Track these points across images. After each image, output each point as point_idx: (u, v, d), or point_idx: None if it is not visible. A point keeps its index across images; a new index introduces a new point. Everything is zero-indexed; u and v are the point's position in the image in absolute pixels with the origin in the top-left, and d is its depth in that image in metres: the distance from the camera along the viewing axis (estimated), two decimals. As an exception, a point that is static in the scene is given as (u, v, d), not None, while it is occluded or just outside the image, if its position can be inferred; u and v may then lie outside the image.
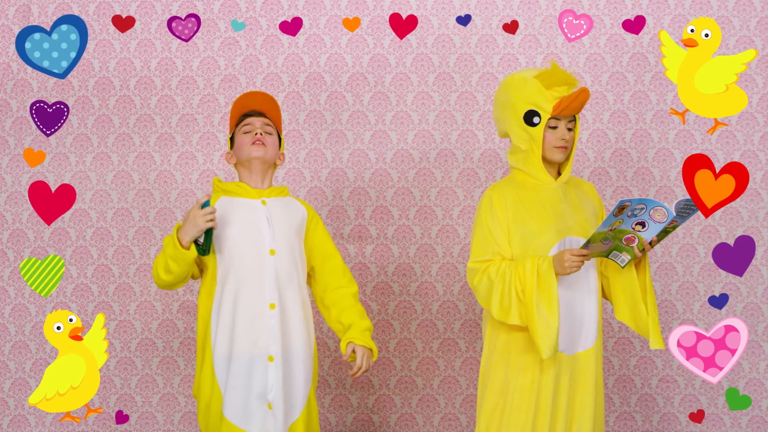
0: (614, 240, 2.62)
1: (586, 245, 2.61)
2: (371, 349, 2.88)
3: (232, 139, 2.94)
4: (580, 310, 2.75)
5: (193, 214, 2.69)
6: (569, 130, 2.75)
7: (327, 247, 2.97)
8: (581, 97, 2.68)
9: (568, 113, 2.72)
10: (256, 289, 2.80)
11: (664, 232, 2.65)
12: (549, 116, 2.70)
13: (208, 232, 2.73)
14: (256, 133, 2.86)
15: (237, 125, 2.92)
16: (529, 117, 2.72)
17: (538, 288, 2.65)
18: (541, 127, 2.70)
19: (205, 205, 2.70)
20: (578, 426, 2.75)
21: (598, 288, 2.80)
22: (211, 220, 2.70)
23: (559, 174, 2.82)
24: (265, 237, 2.83)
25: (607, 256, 2.70)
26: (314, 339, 2.90)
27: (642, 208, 2.55)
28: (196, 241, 2.73)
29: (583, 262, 2.65)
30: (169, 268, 2.75)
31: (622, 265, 2.68)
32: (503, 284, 2.68)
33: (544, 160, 2.77)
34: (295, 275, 2.87)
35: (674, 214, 2.57)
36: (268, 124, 2.91)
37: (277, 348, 2.79)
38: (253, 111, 2.92)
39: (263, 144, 2.87)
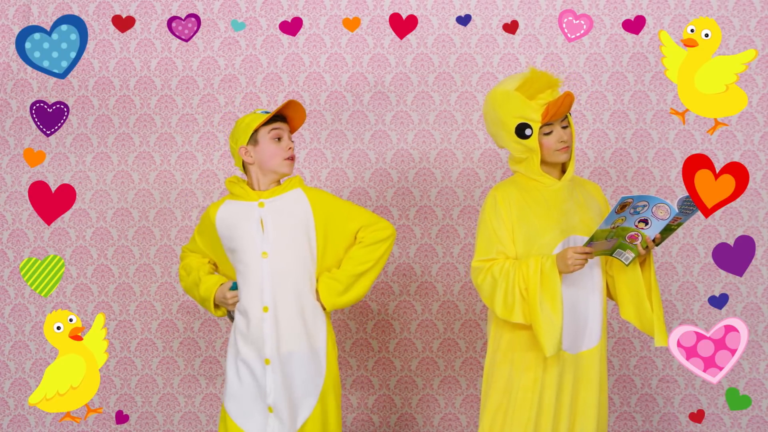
0: (618, 238, 2.62)
1: (589, 243, 2.62)
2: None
3: (253, 134, 2.87)
4: (584, 308, 2.75)
5: (224, 299, 2.91)
6: (565, 128, 2.75)
7: (348, 229, 2.91)
8: (566, 102, 2.68)
9: (557, 118, 2.71)
10: (251, 292, 2.84)
11: (669, 230, 2.65)
12: (540, 125, 2.69)
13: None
14: (290, 148, 2.87)
15: (266, 123, 2.85)
16: (521, 130, 2.71)
17: (542, 286, 2.65)
18: (534, 138, 2.70)
19: (233, 287, 2.90)
20: (581, 425, 2.76)
21: (603, 286, 2.80)
22: (234, 303, 2.90)
23: (563, 172, 2.82)
24: (256, 240, 2.84)
25: (611, 255, 2.70)
26: (325, 338, 2.87)
27: (644, 205, 2.55)
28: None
29: (586, 260, 2.65)
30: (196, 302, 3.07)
31: (626, 263, 2.68)
32: (507, 282, 2.68)
33: (547, 163, 2.77)
34: (293, 276, 2.85)
35: (677, 210, 2.57)
36: (292, 139, 2.92)
37: (273, 351, 2.80)
38: (286, 117, 2.89)
39: (293, 160, 2.89)
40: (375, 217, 2.94)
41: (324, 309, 2.89)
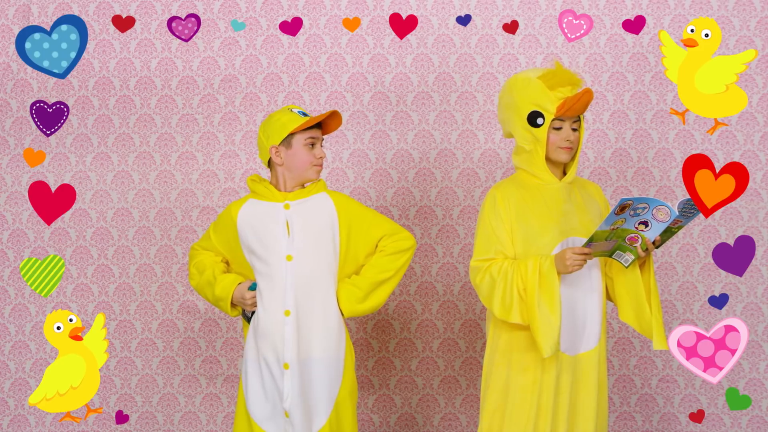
0: (617, 239, 2.62)
1: (588, 243, 2.61)
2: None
3: (286, 136, 2.83)
4: (582, 310, 2.74)
5: (242, 300, 2.86)
6: (574, 130, 2.74)
7: (370, 237, 2.89)
8: (585, 98, 2.67)
9: (572, 114, 2.71)
10: (273, 296, 2.81)
11: (669, 233, 2.64)
12: (552, 117, 2.69)
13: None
14: (322, 157, 2.86)
15: (305, 129, 2.84)
16: (533, 118, 2.71)
17: (540, 286, 2.65)
18: (544, 128, 2.70)
19: (252, 287, 2.85)
20: (580, 427, 2.75)
21: (602, 288, 2.79)
22: (253, 304, 2.85)
23: (564, 174, 2.82)
24: (281, 243, 2.83)
25: (610, 256, 2.69)
26: (345, 344, 2.86)
27: (644, 207, 2.55)
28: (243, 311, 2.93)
29: (585, 260, 2.64)
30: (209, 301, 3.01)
31: (626, 265, 2.68)
32: (505, 283, 2.68)
33: (549, 160, 2.77)
34: (317, 280, 2.83)
35: (677, 213, 2.56)
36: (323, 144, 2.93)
37: (293, 356, 2.78)
38: (320, 126, 2.88)
39: (321, 167, 2.89)
40: (397, 227, 2.93)
41: (342, 315, 2.87)
